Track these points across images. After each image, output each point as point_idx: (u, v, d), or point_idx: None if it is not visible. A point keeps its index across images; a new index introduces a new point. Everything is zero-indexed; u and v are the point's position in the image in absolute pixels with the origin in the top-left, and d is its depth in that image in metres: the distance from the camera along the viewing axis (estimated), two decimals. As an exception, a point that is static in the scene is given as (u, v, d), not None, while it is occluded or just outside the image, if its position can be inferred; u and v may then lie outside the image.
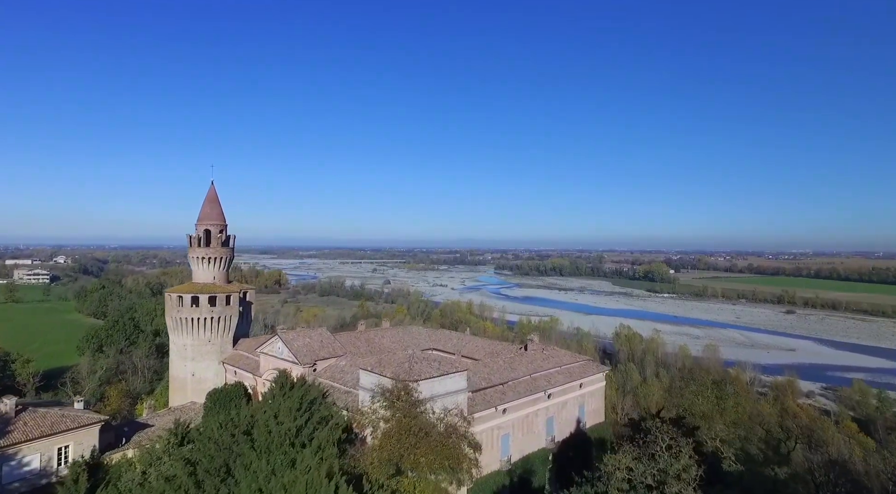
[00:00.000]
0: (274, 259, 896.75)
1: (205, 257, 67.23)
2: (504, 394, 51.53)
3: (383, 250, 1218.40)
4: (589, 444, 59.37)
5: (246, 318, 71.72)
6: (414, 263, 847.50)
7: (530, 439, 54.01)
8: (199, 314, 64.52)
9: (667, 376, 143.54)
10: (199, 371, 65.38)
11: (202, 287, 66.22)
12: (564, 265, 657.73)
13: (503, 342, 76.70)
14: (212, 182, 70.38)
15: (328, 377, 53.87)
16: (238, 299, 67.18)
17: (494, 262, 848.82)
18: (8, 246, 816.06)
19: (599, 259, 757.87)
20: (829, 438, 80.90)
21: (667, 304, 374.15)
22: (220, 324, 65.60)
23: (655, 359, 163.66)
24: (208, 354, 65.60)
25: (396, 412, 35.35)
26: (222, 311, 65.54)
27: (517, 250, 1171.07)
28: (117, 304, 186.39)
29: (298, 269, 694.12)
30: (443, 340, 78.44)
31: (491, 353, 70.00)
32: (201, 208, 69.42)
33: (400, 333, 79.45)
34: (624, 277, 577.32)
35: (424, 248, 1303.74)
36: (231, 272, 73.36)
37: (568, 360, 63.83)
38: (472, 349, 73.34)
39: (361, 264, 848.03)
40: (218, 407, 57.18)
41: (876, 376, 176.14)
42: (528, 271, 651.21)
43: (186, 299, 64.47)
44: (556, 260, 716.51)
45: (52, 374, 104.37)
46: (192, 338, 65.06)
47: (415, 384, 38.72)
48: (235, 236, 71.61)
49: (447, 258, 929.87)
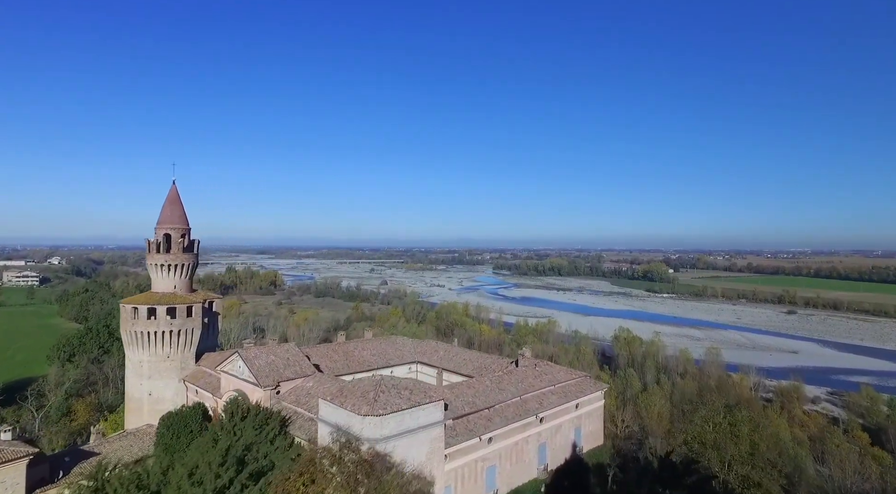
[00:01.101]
0: (271, 259, 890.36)
1: (164, 264, 61.21)
2: (490, 420, 45.66)
3: (381, 250, 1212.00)
4: (586, 471, 53.49)
5: (212, 330, 65.74)
6: (412, 263, 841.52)
7: (519, 469, 48.15)
8: (157, 328, 58.52)
9: (668, 382, 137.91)
10: (157, 391, 59.38)
11: (161, 297, 60.21)
12: (563, 265, 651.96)
13: (492, 356, 70.84)
14: (173, 182, 64.36)
15: (293, 401, 47.95)
16: (201, 310, 61.15)
17: (493, 262, 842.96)
18: (5, 247, 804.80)
19: (598, 259, 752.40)
20: (845, 455, 75.23)
21: (666, 304, 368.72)
22: (181, 338, 59.59)
23: (656, 364, 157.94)
24: (167, 371, 59.61)
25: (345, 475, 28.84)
26: (183, 323, 59.52)
27: (516, 250, 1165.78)
28: (98, 308, 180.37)
29: (295, 269, 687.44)
30: (428, 353, 72.59)
31: (479, 368, 64.17)
32: (161, 210, 63.41)
33: (382, 344, 73.56)
34: (623, 277, 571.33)
35: (423, 248, 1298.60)
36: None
37: (563, 377, 57.93)
38: (458, 362, 67.52)
39: (359, 264, 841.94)
40: (172, 433, 51.28)
41: (883, 379, 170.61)
42: (526, 271, 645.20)
43: (142, 310, 58.48)
44: (555, 260, 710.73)
45: (17, 386, 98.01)
46: (148, 354, 59.06)
47: (377, 420, 32.79)
48: (199, 241, 65.53)
49: (445, 258, 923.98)
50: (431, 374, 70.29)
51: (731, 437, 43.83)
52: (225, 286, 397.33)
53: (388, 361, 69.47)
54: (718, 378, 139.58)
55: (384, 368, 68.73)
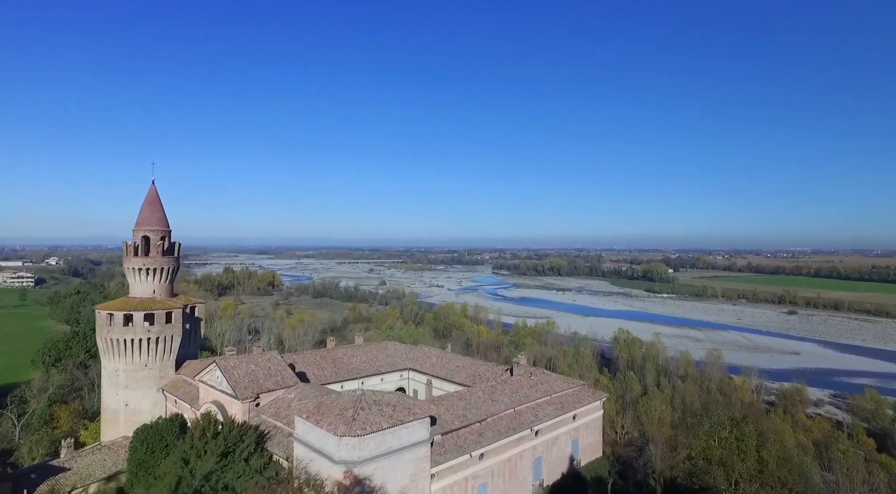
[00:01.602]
0: (270, 259, 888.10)
1: (142, 267, 58.38)
2: (482, 435, 42.91)
3: (381, 250, 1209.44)
4: (584, 485, 50.83)
5: (194, 336, 62.97)
6: (411, 263, 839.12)
7: (513, 486, 45.41)
8: (134, 335, 55.72)
9: (669, 385, 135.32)
10: (134, 401, 56.59)
11: (138, 303, 57.40)
12: (562, 265, 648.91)
13: (487, 363, 68.07)
14: (152, 182, 61.50)
15: (272, 415, 45.18)
16: (181, 316, 58.35)
17: (492, 261, 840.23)
18: (4, 247, 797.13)
19: (598, 259, 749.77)
20: (852, 462, 72.56)
21: (666, 304, 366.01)
22: (159, 345, 56.79)
23: (656, 366, 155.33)
24: (144, 381, 56.82)
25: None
26: (161, 330, 56.71)
27: (515, 250, 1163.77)
28: (89, 311, 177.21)
29: (294, 269, 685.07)
30: (421, 359, 69.85)
31: (472, 376, 61.44)
32: (139, 211, 60.58)
33: (374, 351, 70.80)
34: (623, 276, 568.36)
35: (422, 248, 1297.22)
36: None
37: (560, 386, 55.15)
38: (451, 370, 64.78)
39: (358, 264, 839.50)
40: (146, 448, 48.49)
41: (886, 381, 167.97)
42: (525, 271, 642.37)
43: (118, 317, 55.69)
44: (554, 260, 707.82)
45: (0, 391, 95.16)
46: (125, 362, 56.29)
47: (355, 441, 30.02)
48: (181, 244, 62.69)
49: (445, 258, 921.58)
50: (423, 381, 67.61)
51: (738, 453, 41.16)
52: (222, 287, 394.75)
53: (379, 368, 66.74)
54: (720, 381, 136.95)
55: (374, 375, 66.06)
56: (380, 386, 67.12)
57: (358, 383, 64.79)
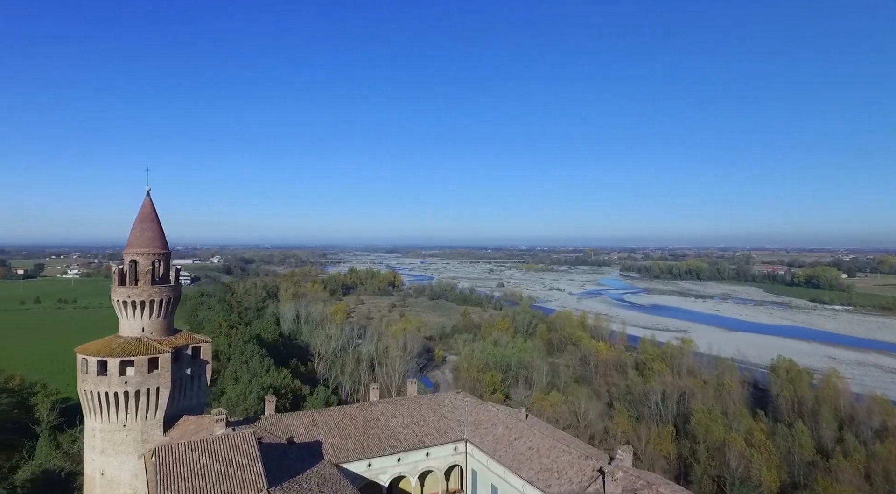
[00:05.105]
0: (398, 258, 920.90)
1: (127, 300, 46.83)
2: None
3: (503, 250, 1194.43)
4: None
5: (198, 384, 50.36)
6: (532, 263, 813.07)
7: None
8: (108, 387, 44.14)
9: (858, 444, 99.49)
10: (111, 470, 45.01)
11: (120, 345, 45.86)
12: (702, 268, 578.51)
13: (575, 444, 46.42)
14: (147, 193, 49.90)
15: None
16: (170, 362, 45.75)
17: (620, 262, 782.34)
18: (187, 246, 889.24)
19: (746, 260, 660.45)
20: None
21: (840, 319, 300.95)
22: (139, 401, 44.64)
23: (836, 412, 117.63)
24: (122, 444, 45.00)
25: None
26: (142, 381, 44.48)
27: (647, 249, 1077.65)
28: (206, 315, 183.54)
29: (418, 269, 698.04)
30: (485, 425, 50.69)
31: (546, 470, 41.08)
32: (131, 230, 49.30)
33: (424, 408, 53.04)
34: (779, 282, 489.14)
35: (545, 247, 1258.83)
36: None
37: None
38: (518, 452, 44.88)
39: (480, 264, 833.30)
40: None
41: None
42: (658, 274, 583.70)
43: (92, 363, 44.44)
44: (693, 261, 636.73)
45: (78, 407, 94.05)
46: (101, 421, 44.94)
47: None
48: (180, 269, 50.48)
49: (568, 258, 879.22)
50: (484, 461, 48.54)
51: None
52: (346, 287, 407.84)
53: (423, 439, 48.95)
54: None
55: (417, 449, 48.43)
56: (424, 464, 49.34)
57: (394, 459, 47.69)
